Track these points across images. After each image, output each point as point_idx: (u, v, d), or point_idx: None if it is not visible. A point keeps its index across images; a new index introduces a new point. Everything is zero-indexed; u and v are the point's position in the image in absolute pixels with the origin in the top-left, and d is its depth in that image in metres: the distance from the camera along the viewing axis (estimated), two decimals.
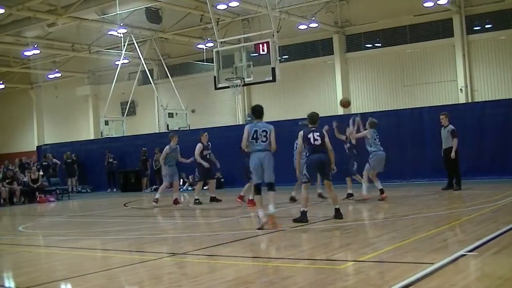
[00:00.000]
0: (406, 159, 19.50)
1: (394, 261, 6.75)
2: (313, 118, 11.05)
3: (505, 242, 7.59)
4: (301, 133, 11.16)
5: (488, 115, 18.90)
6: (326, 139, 10.92)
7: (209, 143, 16.56)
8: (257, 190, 10.42)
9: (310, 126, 10.96)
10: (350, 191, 14.44)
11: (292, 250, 8.16)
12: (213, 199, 16.42)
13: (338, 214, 10.69)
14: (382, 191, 13.80)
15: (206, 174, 16.36)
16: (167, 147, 16.75)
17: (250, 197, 14.15)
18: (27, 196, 22.96)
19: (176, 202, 16.56)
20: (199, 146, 16.14)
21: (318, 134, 10.72)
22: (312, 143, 10.82)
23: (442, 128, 15.61)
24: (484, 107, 19.89)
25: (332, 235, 9.28)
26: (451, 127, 15.45)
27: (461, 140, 18.84)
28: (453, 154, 15.21)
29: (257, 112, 10.57)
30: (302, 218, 10.59)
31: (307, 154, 11.05)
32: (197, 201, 16.10)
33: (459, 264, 6.44)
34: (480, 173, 18.06)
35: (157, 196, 16.61)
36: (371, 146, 13.98)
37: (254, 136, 10.22)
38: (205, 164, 15.98)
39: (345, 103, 15.86)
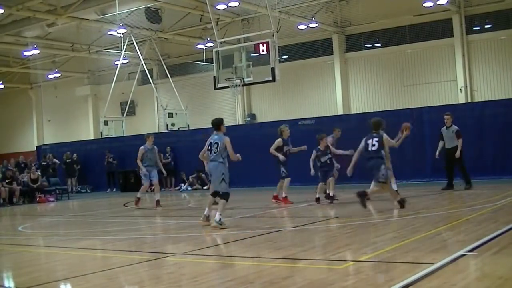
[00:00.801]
0: (406, 159, 19.49)
1: (394, 261, 6.75)
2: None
3: (505, 242, 7.59)
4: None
5: (488, 115, 18.90)
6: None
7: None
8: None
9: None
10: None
11: (292, 250, 8.16)
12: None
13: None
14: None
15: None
16: (142, 147, 16.59)
17: (283, 195, 14.39)
18: (27, 196, 22.96)
19: (157, 204, 16.27)
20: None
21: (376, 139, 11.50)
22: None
23: (445, 128, 15.60)
24: (484, 107, 19.89)
25: (332, 235, 9.28)
26: (455, 127, 15.49)
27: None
28: (457, 154, 15.23)
29: (213, 124, 11.08)
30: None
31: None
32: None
33: (459, 264, 6.44)
34: (480, 173, 18.05)
35: (138, 195, 16.55)
36: None
37: (209, 147, 10.88)
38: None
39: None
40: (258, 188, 20.95)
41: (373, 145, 11.53)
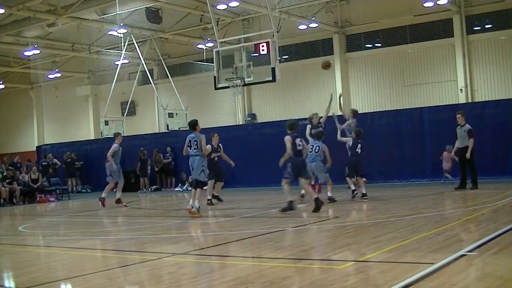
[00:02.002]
0: (406, 159, 19.50)
1: (394, 261, 6.75)
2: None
3: (506, 242, 7.59)
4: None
5: (488, 115, 18.89)
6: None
7: (220, 145, 16.28)
8: (191, 184, 13.84)
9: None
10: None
11: (292, 250, 8.16)
12: (216, 197, 16.02)
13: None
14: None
15: (217, 175, 15.77)
16: (116, 145, 16.70)
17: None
18: (27, 196, 22.96)
19: (118, 201, 16.68)
20: (208, 148, 15.43)
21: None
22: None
23: (459, 127, 15.60)
24: (484, 107, 19.88)
25: (332, 235, 9.28)
26: (468, 126, 15.47)
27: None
28: (468, 154, 15.23)
29: (190, 125, 13.20)
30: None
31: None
32: (209, 201, 15.52)
33: (460, 264, 6.43)
34: (480, 173, 18.01)
35: (103, 195, 16.73)
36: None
37: (189, 144, 12.89)
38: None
39: (325, 64, 16.27)
40: (258, 188, 20.96)
41: (299, 145, 12.72)
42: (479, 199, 13.04)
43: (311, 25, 26.57)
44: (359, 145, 14.54)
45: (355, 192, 14.32)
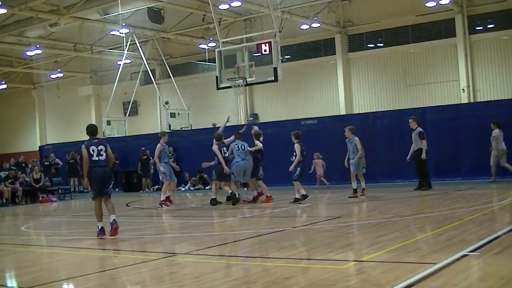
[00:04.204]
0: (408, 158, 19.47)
1: (396, 261, 6.74)
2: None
3: (508, 242, 7.58)
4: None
5: (490, 115, 18.84)
6: None
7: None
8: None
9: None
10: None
11: (294, 250, 8.17)
12: (229, 199, 15.86)
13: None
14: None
15: (223, 175, 15.67)
16: (160, 145, 16.56)
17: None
18: (29, 196, 22.98)
19: (167, 200, 16.54)
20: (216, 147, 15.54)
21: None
22: None
23: (413, 131, 16.46)
24: (486, 107, 19.87)
25: (334, 235, 9.27)
26: (419, 129, 16.28)
27: (463, 140, 18.94)
28: (424, 155, 15.97)
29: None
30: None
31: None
32: (214, 200, 15.60)
33: (462, 264, 6.43)
34: (482, 173, 18.04)
35: (162, 197, 16.58)
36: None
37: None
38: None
39: None
40: None
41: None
42: (481, 199, 13.02)
43: (313, 25, 26.55)
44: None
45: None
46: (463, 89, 24.99)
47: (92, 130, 10.59)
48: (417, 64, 26.34)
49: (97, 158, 10.18)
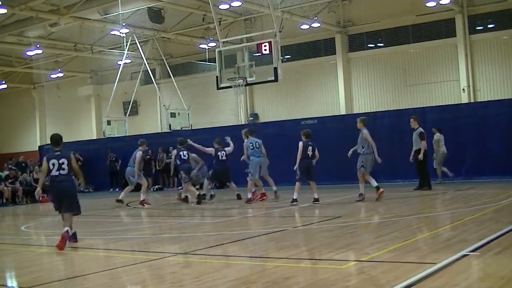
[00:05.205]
0: (408, 159, 19.46)
1: (396, 261, 6.74)
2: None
3: (508, 242, 7.58)
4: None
5: (491, 115, 18.88)
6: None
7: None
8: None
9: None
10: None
11: (294, 250, 8.17)
12: (239, 197, 16.67)
13: None
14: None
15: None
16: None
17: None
18: (29, 195, 22.97)
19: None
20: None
21: None
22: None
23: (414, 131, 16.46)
24: (487, 107, 19.88)
25: (334, 235, 9.27)
26: (420, 130, 16.27)
27: (463, 140, 18.93)
28: (421, 156, 15.98)
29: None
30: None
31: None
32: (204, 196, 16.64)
33: (462, 264, 6.43)
34: (482, 173, 18.05)
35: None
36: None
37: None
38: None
39: None
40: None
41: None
42: (481, 199, 13.02)
43: (313, 25, 26.54)
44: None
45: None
46: (463, 89, 24.98)
47: (55, 141, 9.75)
48: (418, 64, 26.33)
49: (56, 173, 9.34)
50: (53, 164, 9.38)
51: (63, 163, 9.40)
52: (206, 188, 17.07)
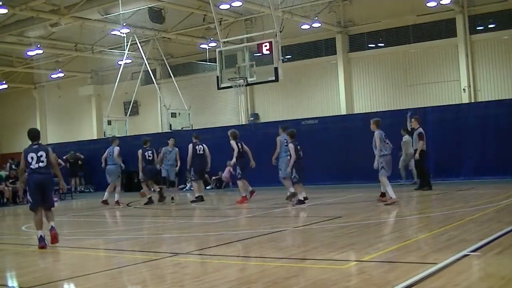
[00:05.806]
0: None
1: (397, 261, 6.74)
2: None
3: (508, 242, 7.58)
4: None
5: (491, 115, 18.86)
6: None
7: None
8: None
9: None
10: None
11: (295, 250, 8.16)
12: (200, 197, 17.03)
13: None
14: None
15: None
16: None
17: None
18: None
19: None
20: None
21: None
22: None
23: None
24: (487, 107, 19.85)
25: (334, 235, 9.27)
26: (420, 130, 16.19)
27: (464, 140, 18.92)
28: (417, 155, 15.97)
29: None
30: None
31: None
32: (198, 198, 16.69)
33: (462, 264, 6.43)
34: (483, 173, 18.04)
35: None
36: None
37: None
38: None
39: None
40: (261, 188, 20.92)
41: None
42: (482, 199, 13.02)
43: (314, 25, 26.54)
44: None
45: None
46: (464, 89, 24.97)
47: (33, 135, 9.73)
48: (418, 64, 26.33)
49: (36, 165, 9.42)
50: (32, 158, 9.47)
51: (41, 156, 9.51)
52: (197, 189, 17.18)
